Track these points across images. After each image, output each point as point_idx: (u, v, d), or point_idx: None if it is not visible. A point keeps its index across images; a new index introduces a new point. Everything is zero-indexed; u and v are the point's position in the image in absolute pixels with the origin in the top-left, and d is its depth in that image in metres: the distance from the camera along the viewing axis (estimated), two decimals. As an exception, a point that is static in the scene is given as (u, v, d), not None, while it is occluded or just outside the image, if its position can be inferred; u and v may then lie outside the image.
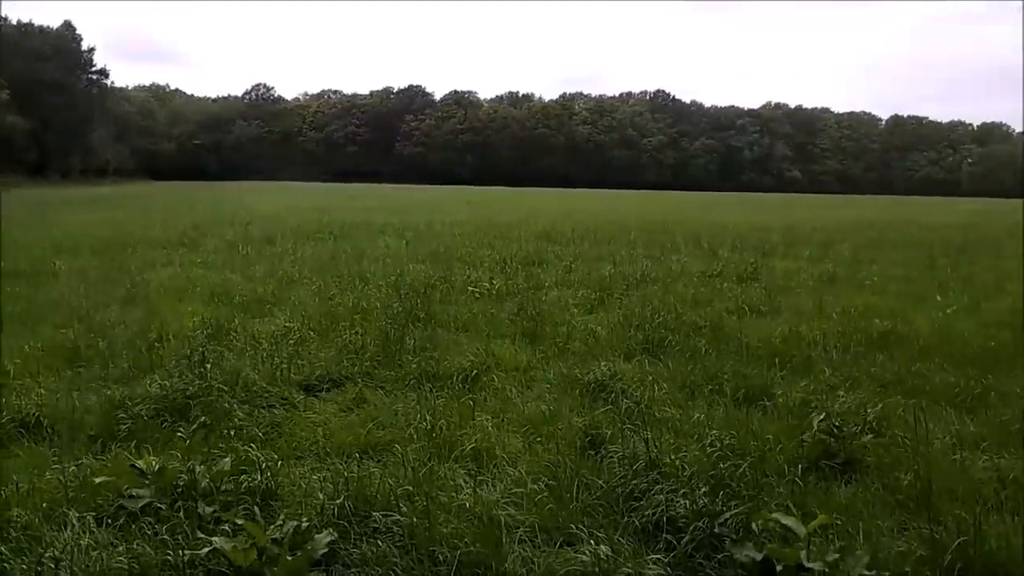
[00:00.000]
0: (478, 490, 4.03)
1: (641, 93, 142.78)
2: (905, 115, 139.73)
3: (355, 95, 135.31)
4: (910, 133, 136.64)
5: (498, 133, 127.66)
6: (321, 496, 3.92)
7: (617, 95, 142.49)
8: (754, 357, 6.77)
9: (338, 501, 3.81)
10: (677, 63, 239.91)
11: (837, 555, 3.19)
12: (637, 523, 3.72)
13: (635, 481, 4.05)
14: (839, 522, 3.62)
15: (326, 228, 20.45)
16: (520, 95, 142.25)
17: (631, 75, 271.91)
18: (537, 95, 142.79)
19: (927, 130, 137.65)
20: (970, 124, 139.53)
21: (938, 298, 9.86)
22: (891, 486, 4.17)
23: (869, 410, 5.06)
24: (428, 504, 3.72)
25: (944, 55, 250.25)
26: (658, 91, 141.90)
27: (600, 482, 4.09)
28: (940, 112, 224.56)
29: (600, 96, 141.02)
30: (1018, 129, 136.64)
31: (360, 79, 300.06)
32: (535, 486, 4.06)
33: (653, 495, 3.87)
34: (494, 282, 10.64)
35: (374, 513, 3.74)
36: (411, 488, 3.99)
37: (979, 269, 13.39)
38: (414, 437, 4.85)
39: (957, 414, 5.31)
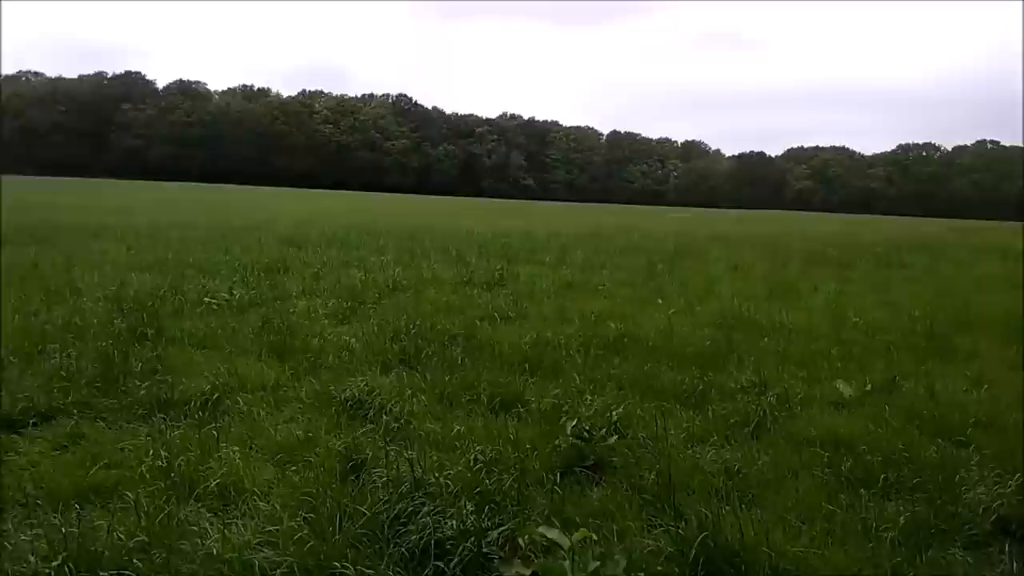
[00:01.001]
0: (227, 532, 3.64)
1: (384, 96, 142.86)
2: (622, 131, 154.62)
3: (59, 78, 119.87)
4: (627, 148, 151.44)
5: (232, 128, 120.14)
6: (32, 559, 3.29)
7: (359, 96, 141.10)
8: (507, 364, 6.94)
9: (55, 563, 3.23)
10: (419, 68, 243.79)
11: (598, 563, 3.31)
12: (404, 550, 3.58)
13: (400, 504, 3.90)
14: (594, 530, 3.77)
15: (26, 230, 17.75)
16: (256, 89, 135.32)
17: (374, 76, 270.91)
18: (274, 90, 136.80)
19: (641, 145, 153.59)
20: (675, 141, 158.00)
21: (659, 301, 10.86)
22: (637, 485, 4.45)
23: (613, 412, 5.38)
24: (168, 556, 3.28)
25: (656, 79, 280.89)
26: (400, 95, 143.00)
27: (364, 509, 3.88)
28: (650, 129, 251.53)
29: (342, 96, 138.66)
30: (714, 147, 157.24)
31: (66, 62, 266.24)
32: (292, 522, 3.75)
33: (420, 518, 3.75)
34: (234, 292, 9.88)
35: (101, 574, 3.21)
36: (146, 538, 3.50)
37: (690, 273, 15.04)
38: (147, 477, 4.27)
39: (685, 411, 5.84)
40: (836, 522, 3.94)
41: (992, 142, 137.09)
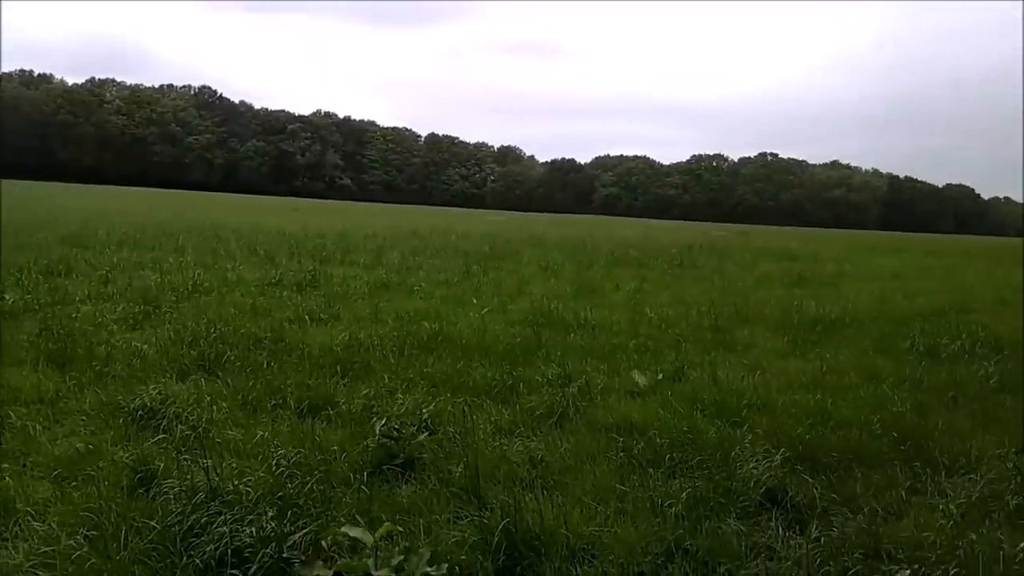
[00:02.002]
0: (-5, 558, 3.27)
1: (185, 87, 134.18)
2: (441, 134, 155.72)
3: None
4: (445, 150, 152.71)
5: (7, 116, 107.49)
6: None
7: (158, 86, 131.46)
8: (317, 366, 6.76)
9: None
10: (225, 60, 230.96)
11: (402, 557, 3.32)
12: (199, 561, 3.40)
13: (195, 515, 3.69)
14: (402, 526, 3.79)
15: None
16: (36, 74, 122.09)
17: (174, 67, 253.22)
18: (58, 76, 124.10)
19: (459, 149, 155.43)
20: (492, 146, 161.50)
21: (474, 301, 11.08)
22: (446, 479, 4.51)
23: (424, 410, 5.43)
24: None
25: (474, 84, 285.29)
26: (204, 87, 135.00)
27: (154, 523, 3.64)
28: (468, 134, 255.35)
29: (137, 85, 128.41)
30: (528, 153, 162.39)
31: None
32: (72, 541, 3.44)
33: (216, 527, 3.58)
34: (6, 296, 8.86)
35: None
36: None
37: (504, 274, 15.45)
38: None
39: (495, 405, 6.01)
40: (628, 501, 4.22)
41: (772, 154, 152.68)
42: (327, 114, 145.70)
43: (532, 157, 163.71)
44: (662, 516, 4.03)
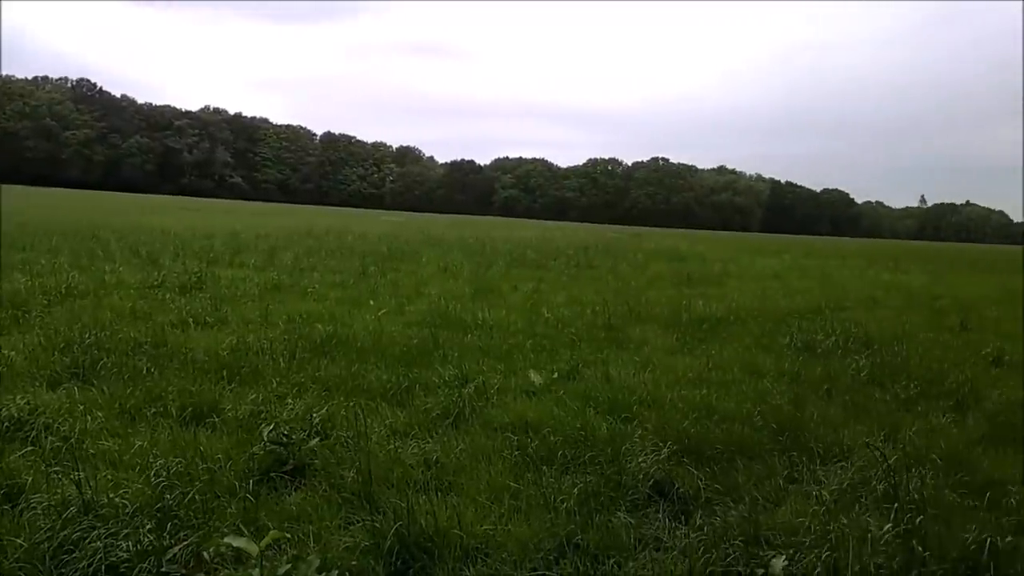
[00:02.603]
0: None
1: (61, 79, 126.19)
2: (337, 132, 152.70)
3: None
4: (342, 150, 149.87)
5: None
6: None
7: (31, 78, 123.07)
8: (201, 372, 6.49)
9: None
10: (104, 52, 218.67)
11: (289, 565, 3.22)
12: (69, 580, 3.20)
13: (65, 531, 3.47)
14: (291, 534, 3.68)
15: None
16: None
17: (49, 58, 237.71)
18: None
19: (356, 148, 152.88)
20: (391, 146, 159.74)
21: (371, 302, 10.92)
22: (337, 484, 4.42)
23: (315, 414, 5.30)
24: None
25: (371, 83, 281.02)
26: (82, 79, 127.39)
27: (20, 541, 3.40)
28: (365, 133, 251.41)
29: (9, 77, 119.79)
30: (428, 153, 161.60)
31: None
32: (-82, 568, 3.17)
33: (89, 543, 3.38)
34: None
35: None
36: None
37: (402, 275, 15.30)
38: None
39: (390, 408, 5.93)
40: (522, 498, 4.26)
41: (663, 159, 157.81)
42: (216, 110, 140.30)
43: (432, 158, 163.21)
44: (555, 512, 4.09)
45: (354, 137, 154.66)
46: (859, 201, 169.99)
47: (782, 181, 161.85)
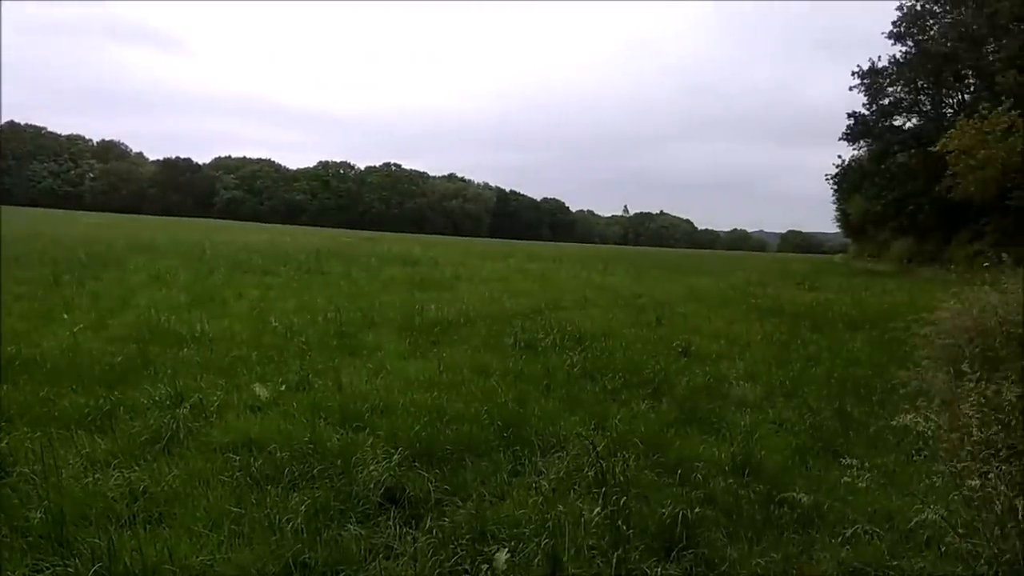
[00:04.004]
0: None
1: None
2: (22, 122, 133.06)
3: None
4: (29, 141, 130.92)
5: None
6: None
7: None
8: None
9: None
10: None
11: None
12: None
13: None
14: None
15: None
16: None
17: None
18: None
19: (47, 140, 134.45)
20: (90, 140, 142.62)
21: (65, 316, 9.64)
22: (21, 528, 3.82)
23: (-8, 449, 4.55)
24: None
25: (65, 66, 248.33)
26: None
27: None
28: (58, 124, 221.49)
29: None
30: (136, 149, 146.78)
31: None
32: None
33: None
34: None
35: None
36: None
37: (105, 285, 13.70)
38: None
39: (88, 436, 5.26)
40: (244, 522, 4.01)
41: (396, 165, 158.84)
42: None
43: (141, 154, 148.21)
44: (280, 533, 3.90)
45: (45, 128, 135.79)
46: (573, 209, 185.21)
47: (507, 189, 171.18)
